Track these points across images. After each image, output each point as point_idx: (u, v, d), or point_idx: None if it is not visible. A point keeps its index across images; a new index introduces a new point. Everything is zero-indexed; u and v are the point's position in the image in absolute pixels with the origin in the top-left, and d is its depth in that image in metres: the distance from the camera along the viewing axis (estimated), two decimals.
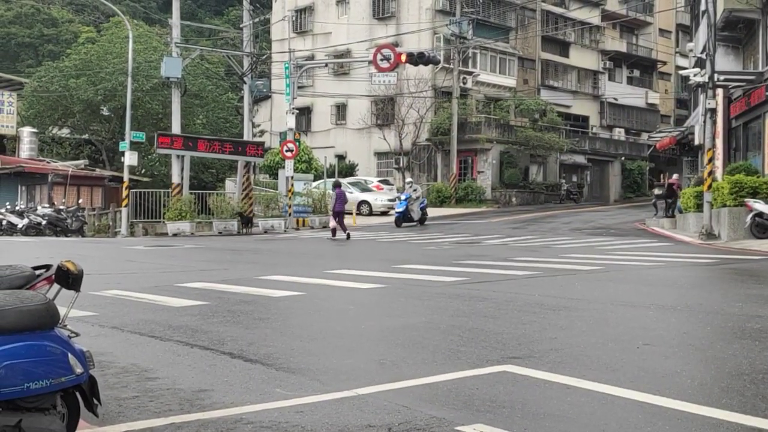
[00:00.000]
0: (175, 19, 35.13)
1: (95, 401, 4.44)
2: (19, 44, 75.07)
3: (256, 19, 39.69)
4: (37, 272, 4.68)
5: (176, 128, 34.82)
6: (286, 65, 35.27)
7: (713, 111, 25.03)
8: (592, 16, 60.52)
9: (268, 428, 5.00)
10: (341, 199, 27.23)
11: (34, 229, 33.32)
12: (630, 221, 36.13)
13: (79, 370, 4.20)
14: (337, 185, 28.38)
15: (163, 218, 34.23)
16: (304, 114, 55.55)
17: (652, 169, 65.16)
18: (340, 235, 26.92)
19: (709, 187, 23.72)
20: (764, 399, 5.46)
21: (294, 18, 56.98)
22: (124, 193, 35.79)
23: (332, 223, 27.48)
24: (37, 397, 4.09)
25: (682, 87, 66.94)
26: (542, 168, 57.42)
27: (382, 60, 30.33)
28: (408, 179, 39.95)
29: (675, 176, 38.12)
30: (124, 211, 35.23)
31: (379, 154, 54.66)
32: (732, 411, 5.14)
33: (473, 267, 15.14)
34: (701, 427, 4.86)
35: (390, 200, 41.26)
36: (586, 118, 63.93)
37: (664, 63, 69.97)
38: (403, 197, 34.45)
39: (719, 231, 23.17)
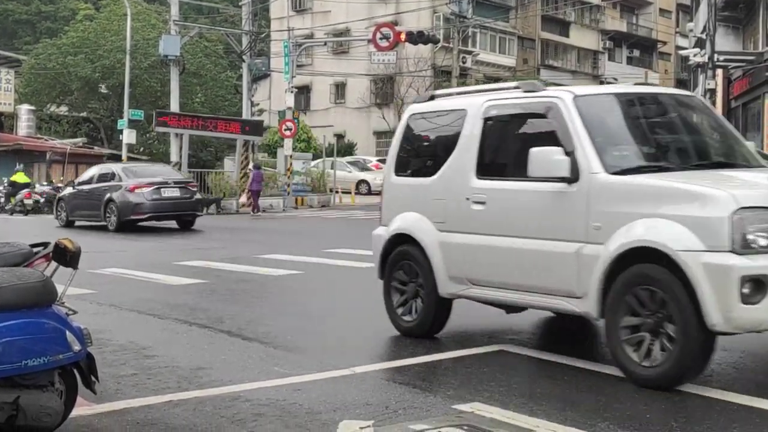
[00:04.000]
0: None
1: (93, 378, 4.46)
2: (16, 21, 74.65)
3: None
4: (35, 250, 4.68)
5: (175, 106, 34.70)
6: (285, 44, 35.10)
7: (713, 91, 25.00)
8: None
9: (266, 406, 5.02)
10: (258, 179, 29.97)
11: (32, 207, 33.25)
12: None
13: (77, 347, 4.21)
14: (256, 167, 31.13)
15: None
16: (303, 93, 55.36)
17: None
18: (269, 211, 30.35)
19: None
20: (754, 381, 5.49)
21: None
22: None
23: (245, 200, 30.59)
24: (35, 375, 4.11)
25: (682, 67, 66.78)
26: None
27: (381, 39, 30.17)
28: None
29: None
30: None
31: (378, 134, 54.54)
32: (727, 390, 5.16)
33: None
34: (698, 405, 4.88)
35: None
36: None
37: (665, 43, 69.72)
38: None
39: None
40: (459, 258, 6.60)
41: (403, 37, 30.10)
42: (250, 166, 32.61)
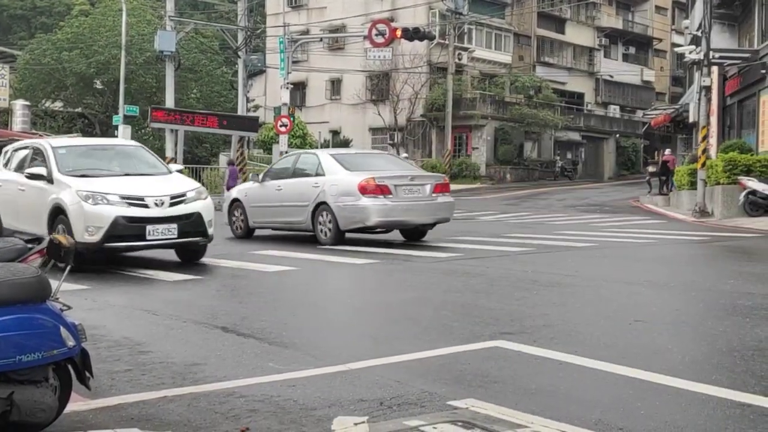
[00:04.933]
0: None
1: (87, 374, 4.45)
2: (11, 16, 74.47)
3: None
4: (30, 245, 4.67)
5: (170, 102, 34.68)
6: (281, 40, 35.05)
7: (708, 89, 25.00)
8: None
9: (261, 402, 5.02)
10: (234, 175, 30.93)
11: None
12: (624, 198, 36.17)
13: (71, 343, 4.20)
14: (230, 163, 32.29)
15: None
16: (298, 89, 55.32)
17: (646, 146, 65.18)
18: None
19: (703, 164, 23.74)
20: (754, 375, 5.50)
21: None
22: None
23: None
24: (29, 370, 4.10)
25: (677, 64, 66.84)
26: (537, 145, 57.37)
27: (377, 35, 30.14)
28: (403, 154, 39.87)
29: (668, 151, 38.08)
30: None
31: (374, 130, 54.53)
32: (721, 387, 5.17)
33: (467, 243, 15.16)
34: (691, 402, 4.89)
35: None
36: (581, 95, 63.79)
37: (660, 40, 69.76)
38: None
39: (712, 209, 23.21)
40: None
41: (398, 33, 30.07)
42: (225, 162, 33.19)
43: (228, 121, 35.04)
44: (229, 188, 30.94)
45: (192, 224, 11.73)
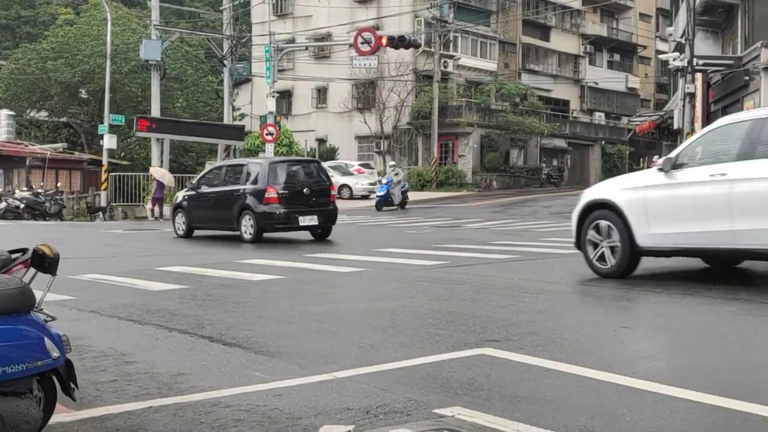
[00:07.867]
0: (155, 1, 34.87)
1: (72, 385, 4.43)
2: None
3: (236, 2, 39.46)
4: (13, 256, 4.65)
5: (156, 111, 34.65)
6: (267, 48, 35.07)
7: (692, 95, 25.18)
8: (573, 0, 60.55)
9: (246, 411, 5.01)
10: (161, 187, 31.58)
11: (12, 213, 33.02)
12: None
13: (55, 354, 4.19)
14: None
15: (143, 202, 34.13)
16: (284, 97, 55.32)
17: (631, 153, 65.48)
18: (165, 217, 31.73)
19: None
20: (739, 381, 5.52)
21: (274, 0, 56.63)
22: (103, 176, 35.62)
23: (150, 206, 31.85)
24: (13, 382, 4.07)
25: (662, 71, 67.27)
26: (523, 152, 57.52)
27: (362, 43, 30.22)
28: (391, 162, 39.95)
29: (655, 158, 38.29)
30: (103, 194, 35.12)
31: (360, 138, 54.58)
32: (707, 393, 5.19)
33: (453, 251, 15.18)
34: (676, 408, 4.91)
35: (371, 184, 41.26)
36: (566, 102, 64.05)
37: (645, 47, 70.16)
38: (384, 181, 34.49)
39: None
40: None
41: (384, 41, 30.16)
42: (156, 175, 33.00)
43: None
44: (155, 200, 31.45)
45: None
